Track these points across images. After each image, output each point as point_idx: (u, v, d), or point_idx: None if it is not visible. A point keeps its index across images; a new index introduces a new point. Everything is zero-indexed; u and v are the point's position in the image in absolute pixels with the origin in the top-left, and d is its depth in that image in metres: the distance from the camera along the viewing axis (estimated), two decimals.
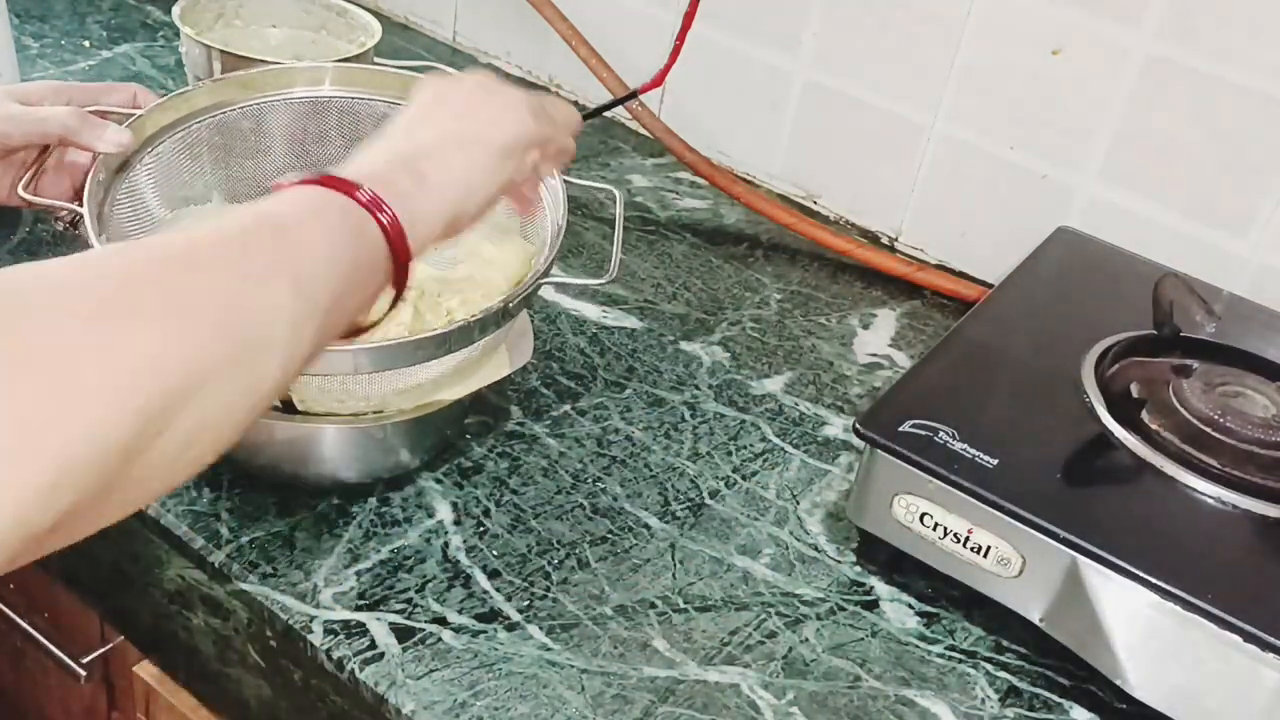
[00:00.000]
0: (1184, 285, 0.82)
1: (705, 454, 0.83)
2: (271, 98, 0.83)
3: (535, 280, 0.71)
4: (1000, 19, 0.98)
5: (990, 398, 0.76)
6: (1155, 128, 0.94)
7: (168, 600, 0.75)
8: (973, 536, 0.69)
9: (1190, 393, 0.73)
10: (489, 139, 0.62)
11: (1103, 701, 0.69)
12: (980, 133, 1.02)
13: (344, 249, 0.51)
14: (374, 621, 0.67)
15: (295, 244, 0.49)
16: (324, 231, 0.51)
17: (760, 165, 1.17)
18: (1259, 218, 0.93)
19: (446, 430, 0.78)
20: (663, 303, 0.98)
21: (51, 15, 1.23)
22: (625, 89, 1.12)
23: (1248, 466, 0.70)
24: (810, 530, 0.78)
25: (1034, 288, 0.89)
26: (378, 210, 0.53)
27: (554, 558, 0.73)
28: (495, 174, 0.62)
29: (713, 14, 1.12)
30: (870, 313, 1.01)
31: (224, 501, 0.73)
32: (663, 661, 0.68)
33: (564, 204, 0.76)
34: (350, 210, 0.52)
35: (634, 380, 0.88)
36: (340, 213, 0.52)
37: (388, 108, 0.83)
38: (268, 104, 0.83)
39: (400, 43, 1.31)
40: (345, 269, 0.51)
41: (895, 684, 0.68)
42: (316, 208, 0.51)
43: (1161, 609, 0.63)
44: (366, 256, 0.53)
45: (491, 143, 0.62)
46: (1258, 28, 0.88)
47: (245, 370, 0.45)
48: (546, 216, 0.77)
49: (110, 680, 0.91)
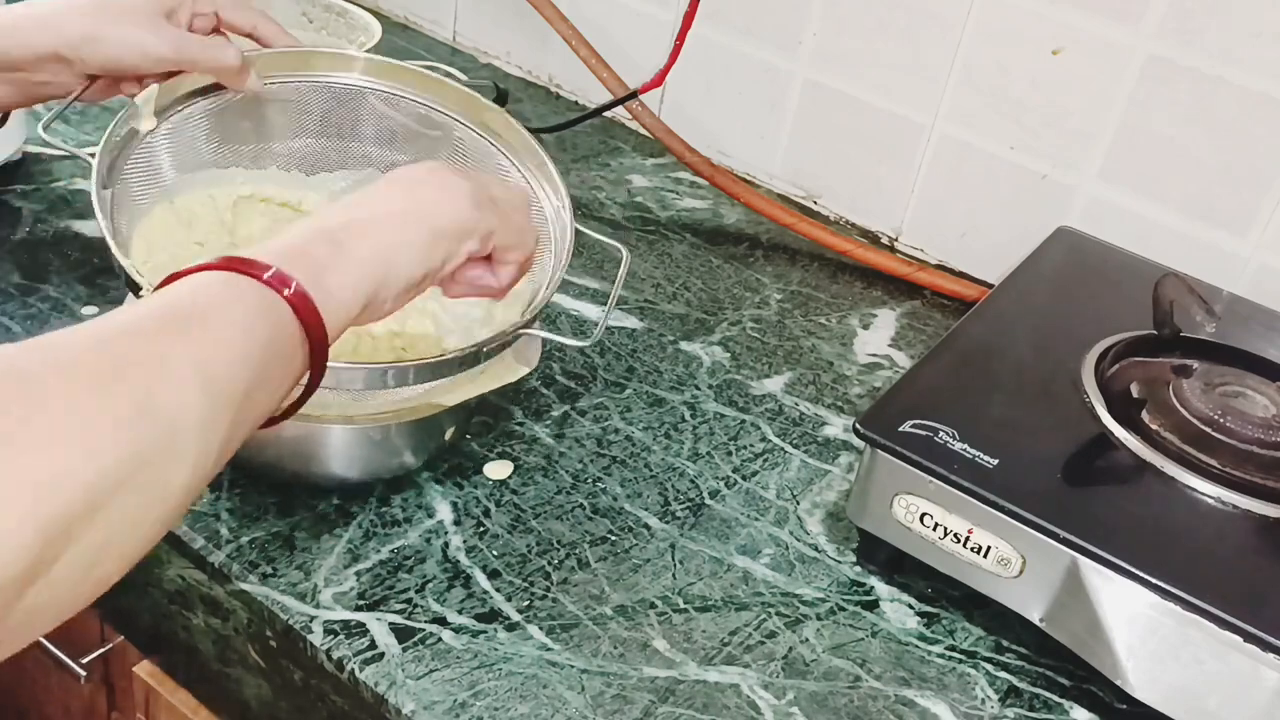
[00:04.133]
0: (1184, 285, 0.82)
1: (705, 454, 0.83)
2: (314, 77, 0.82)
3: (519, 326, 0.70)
4: (1000, 19, 0.98)
5: (990, 398, 0.76)
6: (1155, 128, 0.94)
7: (168, 600, 0.75)
8: (973, 537, 0.69)
9: (1190, 393, 0.73)
10: (421, 218, 0.59)
11: (1103, 701, 0.69)
12: (980, 133, 1.02)
13: (253, 336, 0.48)
14: (374, 621, 0.67)
15: (201, 339, 0.46)
16: (230, 320, 0.48)
17: (760, 165, 1.17)
18: (1259, 218, 0.93)
19: (451, 432, 0.77)
20: (663, 303, 0.98)
21: None
22: (625, 89, 1.12)
23: (1248, 466, 0.70)
24: (810, 530, 0.78)
25: (1034, 288, 0.89)
26: (283, 285, 0.50)
27: (554, 558, 0.73)
28: (423, 253, 0.58)
29: (713, 14, 1.12)
30: (870, 313, 1.01)
31: (224, 501, 0.73)
32: (663, 661, 0.68)
33: (569, 250, 0.75)
34: (257, 291, 0.49)
35: (634, 380, 0.88)
36: (247, 296, 0.49)
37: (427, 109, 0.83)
38: (308, 84, 0.82)
39: (400, 43, 1.31)
40: (257, 358, 0.48)
41: (895, 684, 0.68)
42: (222, 294, 0.49)
43: (1161, 609, 0.63)
44: (279, 340, 0.50)
45: (423, 223, 0.59)
46: (1258, 28, 0.88)
47: (153, 479, 0.42)
48: (549, 256, 0.77)
49: (110, 680, 0.91)
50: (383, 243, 0.56)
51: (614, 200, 1.10)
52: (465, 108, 0.83)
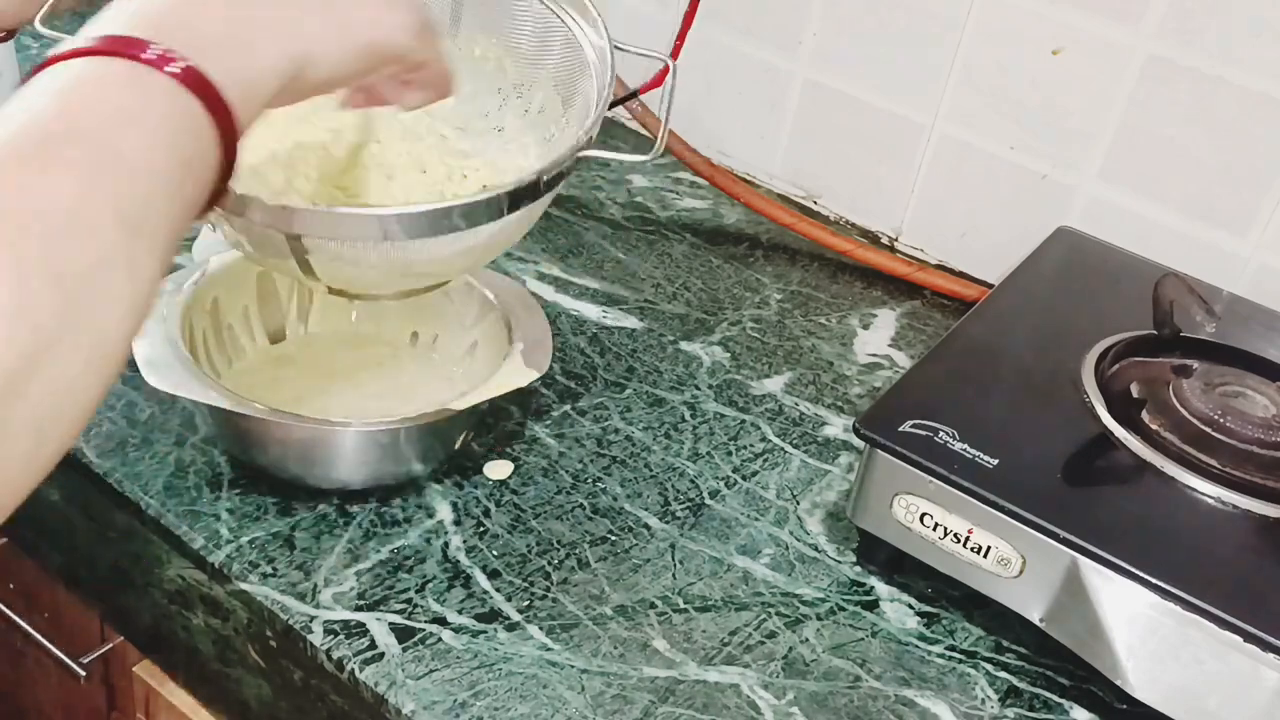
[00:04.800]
0: (1184, 285, 0.82)
1: (705, 454, 0.83)
2: None
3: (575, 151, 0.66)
4: (1000, 19, 0.98)
5: (990, 398, 0.76)
6: (1155, 128, 0.94)
7: (168, 600, 0.75)
8: (973, 537, 0.69)
9: (1190, 393, 0.73)
10: (357, 26, 0.53)
11: (1103, 701, 0.69)
12: (980, 133, 1.02)
13: (170, 143, 0.43)
14: (374, 621, 0.67)
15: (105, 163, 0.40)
16: (136, 133, 0.42)
17: (760, 165, 1.17)
18: (1259, 218, 0.93)
19: (458, 439, 0.77)
20: (663, 303, 0.98)
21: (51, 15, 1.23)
22: (625, 89, 1.12)
23: (1248, 466, 0.70)
24: (810, 530, 0.78)
25: (1034, 288, 0.89)
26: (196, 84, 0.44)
27: (554, 558, 0.73)
28: (348, 61, 0.53)
29: (713, 14, 1.12)
30: (870, 313, 1.01)
31: (224, 501, 0.73)
32: (663, 661, 0.68)
33: (611, 69, 0.70)
34: (167, 95, 0.43)
35: (634, 380, 0.88)
36: (157, 102, 0.43)
37: None
38: None
39: None
40: (175, 164, 0.43)
41: (895, 684, 0.68)
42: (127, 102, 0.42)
43: (1161, 609, 0.63)
44: (197, 153, 0.44)
45: (360, 33, 0.53)
46: (1258, 28, 0.88)
47: (89, 329, 0.39)
48: (592, 82, 0.72)
49: (110, 680, 0.91)
50: (303, 35, 0.50)
51: (614, 200, 1.10)
52: None
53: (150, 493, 0.72)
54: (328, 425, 0.70)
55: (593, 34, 0.73)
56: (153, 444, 0.76)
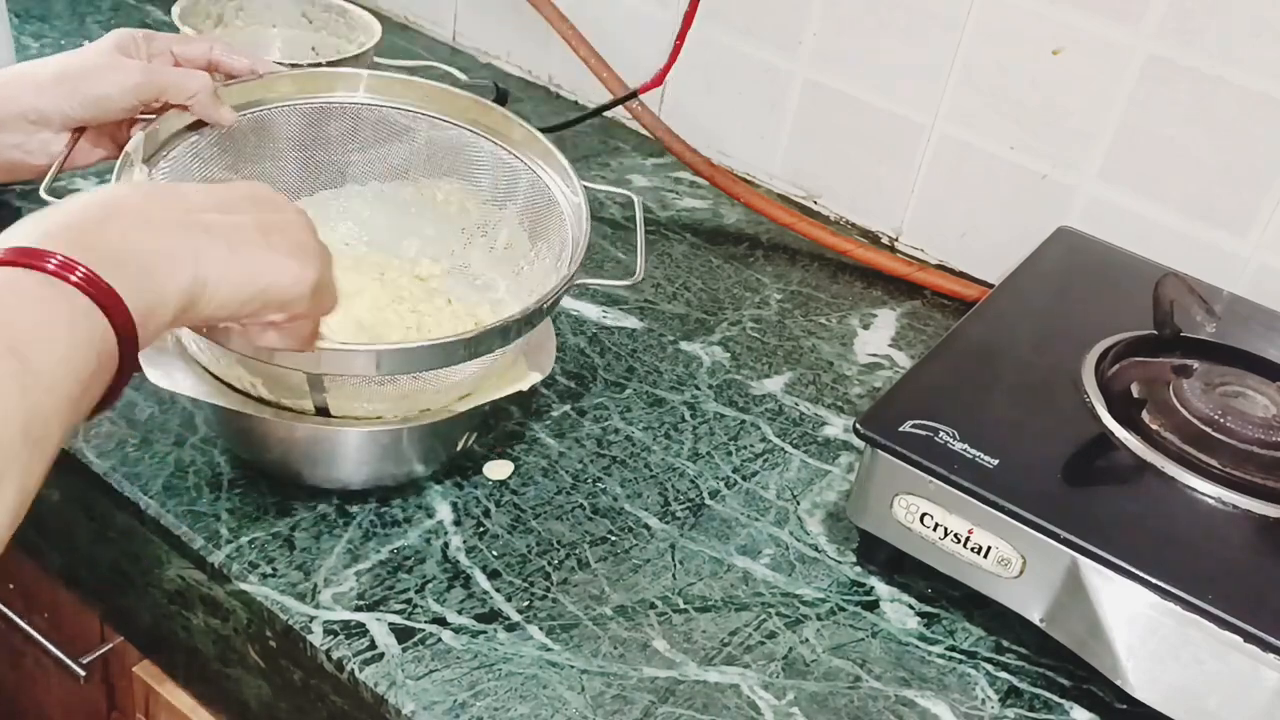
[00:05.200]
0: (1184, 285, 0.82)
1: (705, 454, 0.83)
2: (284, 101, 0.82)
3: (565, 284, 0.70)
4: (1000, 19, 0.98)
5: (990, 398, 0.76)
6: (1155, 128, 0.94)
7: (168, 600, 0.75)
8: (973, 537, 0.69)
9: (1190, 393, 0.73)
10: (260, 272, 0.53)
11: (1103, 701, 0.69)
12: (980, 133, 1.02)
13: (77, 361, 0.44)
14: (374, 622, 0.67)
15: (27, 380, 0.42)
16: (49, 349, 0.43)
17: (760, 165, 1.17)
18: (1259, 218, 0.93)
19: (460, 440, 0.77)
20: (663, 303, 0.98)
21: (51, 15, 1.23)
22: (625, 89, 1.12)
23: (1248, 466, 0.70)
24: (810, 530, 0.78)
25: (1034, 288, 0.89)
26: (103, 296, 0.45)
27: (554, 558, 0.73)
28: (239, 301, 0.53)
29: (713, 14, 1.12)
30: (870, 313, 1.01)
31: (224, 501, 0.73)
32: (663, 662, 0.67)
33: (586, 219, 0.75)
34: (71, 306, 0.44)
35: (634, 380, 0.88)
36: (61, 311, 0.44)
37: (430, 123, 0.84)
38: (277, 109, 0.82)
39: (400, 43, 1.31)
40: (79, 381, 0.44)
41: (895, 684, 0.68)
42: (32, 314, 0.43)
43: (1161, 609, 0.63)
44: (101, 362, 0.45)
45: (261, 277, 0.53)
46: (1258, 28, 0.88)
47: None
48: (566, 229, 0.77)
49: (110, 680, 0.91)
50: (203, 265, 0.51)
51: (614, 200, 1.10)
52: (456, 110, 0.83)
53: (150, 493, 0.72)
54: (328, 425, 0.70)
55: (563, 184, 0.79)
56: (152, 444, 0.76)
